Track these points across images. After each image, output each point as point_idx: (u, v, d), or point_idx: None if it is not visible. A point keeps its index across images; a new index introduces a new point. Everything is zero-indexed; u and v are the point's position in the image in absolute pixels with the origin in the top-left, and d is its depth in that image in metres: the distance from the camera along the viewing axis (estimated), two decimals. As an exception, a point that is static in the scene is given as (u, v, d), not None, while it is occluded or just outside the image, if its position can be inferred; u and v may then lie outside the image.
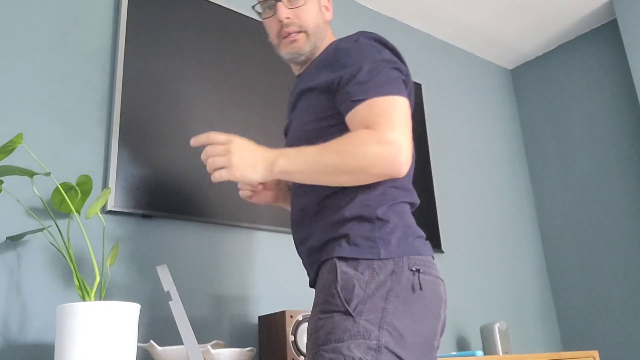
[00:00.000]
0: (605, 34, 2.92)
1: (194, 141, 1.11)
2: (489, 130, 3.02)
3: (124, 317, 1.17)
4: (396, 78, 1.09)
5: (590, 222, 2.79)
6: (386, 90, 1.05)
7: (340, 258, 1.05)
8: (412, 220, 1.12)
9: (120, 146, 1.64)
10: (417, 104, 2.62)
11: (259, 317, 1.69)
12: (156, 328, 1.58)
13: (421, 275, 1.03)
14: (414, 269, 1.03)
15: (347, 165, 1.01)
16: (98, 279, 1.27)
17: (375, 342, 0.96)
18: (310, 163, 1.03)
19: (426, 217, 2.42)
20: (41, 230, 1.35)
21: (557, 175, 2.99)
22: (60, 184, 1.35)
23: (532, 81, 3.22)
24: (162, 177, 1.70)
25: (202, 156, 1.08)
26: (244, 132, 1.93)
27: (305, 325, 1.58)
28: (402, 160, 1.01)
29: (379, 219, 1.06)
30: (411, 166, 1.16)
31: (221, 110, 1.91)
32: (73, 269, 1.26)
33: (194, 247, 1.74)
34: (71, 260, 1.27)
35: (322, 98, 1.13)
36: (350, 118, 1.07)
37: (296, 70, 1.30)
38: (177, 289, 1.66)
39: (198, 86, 1.87)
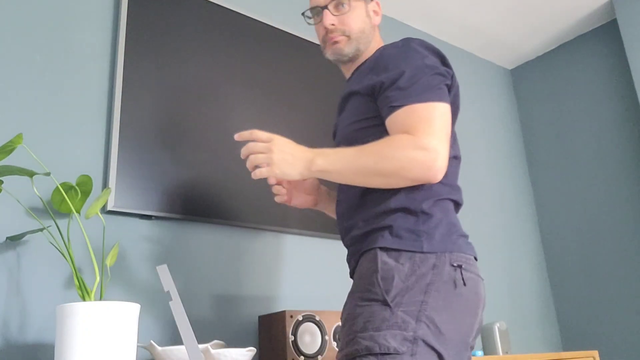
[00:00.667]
0: (605, 34, 2.92)
1: (239, 136, 1.14)
2: (489, 130, 3.01)
3: (124, 317, 1.17)
4: (437, 84, 1.10)
5: (590, 222, 2.79)
6: (426, 97, 1.06)
7: (382, 248, 1.06)
8: (456, 218, 1.14)
9: (120, 146, 1.64)
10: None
11: (259, 317, 1.69)
12: (156, 328, 1.58)
13: (463, 272, 1.04)
14: (455, 264, 1.04)
15: (383, 167, 1.04)
16: (98, 279, 1.27)
17: (412, 333, 0.97)
18: (347, 163, 1.06)
19: (426, 217, 2.42)
20: (41, 230, 1.35)
21: (557, 175, 2.99)
22: (60, 184, 1.35)
23: (532, 81, 3.22)
24: (162, 177, 1.70)
25: (243, 152, 1.10)
26: (244, 130, 1.93)
27: (305, 325, 1.58)
28: (438, 166, 1.03)
29: (423, 212, 1.08)
30: (457, 166, 1.19)
31: (221, 110, 1.91)
32: (73, 269, 1.26)
33: (194, 247, 1.73)
34: (71, 260, 1.27)
35: (367, 100, 1.16)
36: (390, 123, 1.09)
37: (346, 74, 1.34)
38: (177, 289, 1.65)
39: (198, 86, 1.87)
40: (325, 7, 1.26)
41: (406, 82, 1.08)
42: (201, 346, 1.35)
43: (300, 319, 1.57)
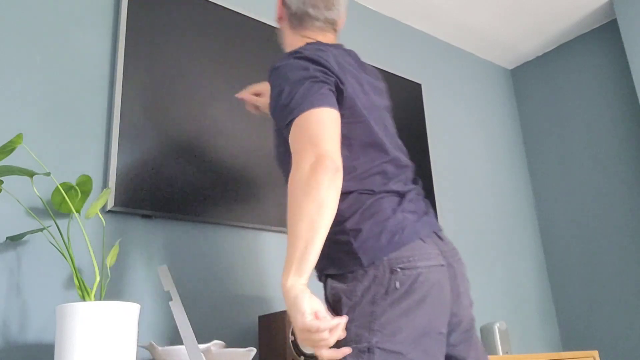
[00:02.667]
0: (605, 34, 2.92)
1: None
2: (489, 130, 3.01)
3: (124, 317, 1.17)
4: (310, 87, 1.08)
5: (590, 221, 2.79)
6: (301, 109, 1.05)
7: (329, 276, 1.13)
8: (388, 210, 1.10)
9: (120, 146, 1.64)
10: (417, 103, 2.63)
11: (259, 317, 1.69)
12: (156, 328, 1.58)
13: (404, 272, 1.04)
14: (395, 268, 1.04)
15: (310, 215, 0.98)
16: (98, 279, 1.27)
17: (365, 344, 1.01)
18: (293, 242, 1.00)
19: (426, 217, 2.42)
20: (41, 230, 1.35)
21: (557, 175, 2.99)
22: (60, 184, 1.35)
23: (532, 81, 3.22)
24: (162, 177, 1.70)
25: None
26: (244, 132, 1.94)
27: (305, 325, 1.58)
28: (333, 167, 1.00)
29: (352, 230, 1.08)
30: (376, 151, 1.15)
31: (221, 110, 1.91)
32: (73, 269, 1.26)
33: (194, 247, 1.73)
34: (71, 260, 1.27)
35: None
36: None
37: None
38: (177, 289, 1.66)
39: (198, 86, 1.87)
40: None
41: (285, 99, 1.08)
42: (201, 346, 1.35)
43: (300, 319, 1.57)
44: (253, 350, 1.43)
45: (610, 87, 2.84)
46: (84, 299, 1.25)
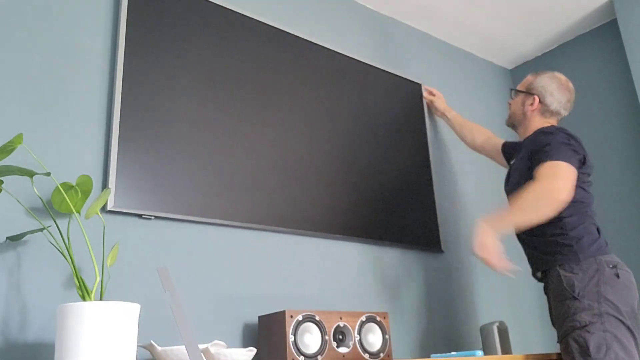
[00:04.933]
0: (605, 34, 2.92)
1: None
2: (489, 130, 3.01)
3: (124, 317, 1.17)
4: (567, 151, 1.78)
5: (590, 222, 2.79)
6: (558, 157, 1.75)
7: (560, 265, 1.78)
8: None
9: (120, 146, 1.64)
10: (416, 103, 2.63)
11: (259, 317, 1.69)
12: (156, 328, 1.58)
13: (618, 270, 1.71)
14: (611, 265, 1.71)
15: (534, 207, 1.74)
16: (98, 279, 1.27)
17: (597, 310, 1.64)
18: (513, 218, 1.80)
19: (426, 217, 2.42)
20: (41, 230, 1.35)
21: (557, 175, 2.99)
22: (60, 184, 1.35)
23: (532, 81, 3.22)
24: (162, 177, 1.70)
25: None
26: (244, 132, 1.94)
27: (305, 325, 1.58)
28: (561, 199, 1.71)
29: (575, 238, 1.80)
30: (585, 206, 1.86)
31: (221, 110, 1.91)
32: (73, 269, 1.26)
33: (194, 247, 1.74)
34: (71, 260, 1.27)
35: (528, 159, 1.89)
36: (535, 171, 1.78)
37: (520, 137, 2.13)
38: (177, 289, 1.66)
39: (198, 86, 1.87)
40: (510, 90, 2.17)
41: (549, 149, 1.78)
42: (201, 346, 1.35)
43: (300, 319, 1.57)
44: (253, 350, 1.43)
45: (610, 87, 2.84)
46: (84, 299, 1.25)
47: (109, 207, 1.57)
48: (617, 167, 2.74)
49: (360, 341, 1.67)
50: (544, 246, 1.82)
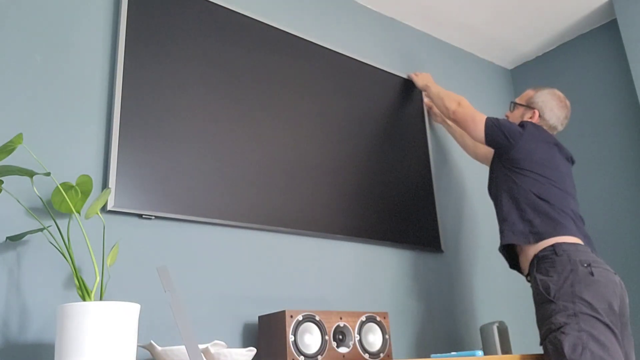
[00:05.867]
0: (605, 34, 2.92)
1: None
2: (489, 130, 3.01)
3: (124, 317, 1.17)
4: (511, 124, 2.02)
5: (589, 221, 2.79)
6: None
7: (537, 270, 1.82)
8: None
9: (120, 146, 1.64)
10: (417, 103, 2.63)
11: (259, 317, 1.69)
12: (156, 328, 1.58)
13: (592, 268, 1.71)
14: (585, 265, 1.72)
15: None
16: (98, 279, 1.27)
17: (572, 311, 1.64)
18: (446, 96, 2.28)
19: (426, 217, 2.42)
20: (41, 230, 1.35)
21: (557, 175, 2.99)
22: (60, 184, 1.35)
23: (532, 81, 3.22)
24: (162, 177, 1.70)
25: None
26: (244, 132, 1.94)
27: (305, 325, 1.58)
28: (458, 110, 2.16)
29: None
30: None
31: (221, 109, 1.91)
32: (73, 269, 1.26)
33: (194, 247, 1.74)
34: (71, 260, 1.27)
35: None
36: None
37: None
38: (177, 289, 1.66)
39: (198, 86, 1.87)
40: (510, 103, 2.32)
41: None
42: (201, 346, 1.35)
43: (300, 319, 1.57)
44: (253, 350, 1.43)
45: (610, 87, 2.84)
46: (84, 299, 1.25)
47: (109, 207, 1.57)
48: (617, 167, 2.74)
49: (360, 341, 1.67)
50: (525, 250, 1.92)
